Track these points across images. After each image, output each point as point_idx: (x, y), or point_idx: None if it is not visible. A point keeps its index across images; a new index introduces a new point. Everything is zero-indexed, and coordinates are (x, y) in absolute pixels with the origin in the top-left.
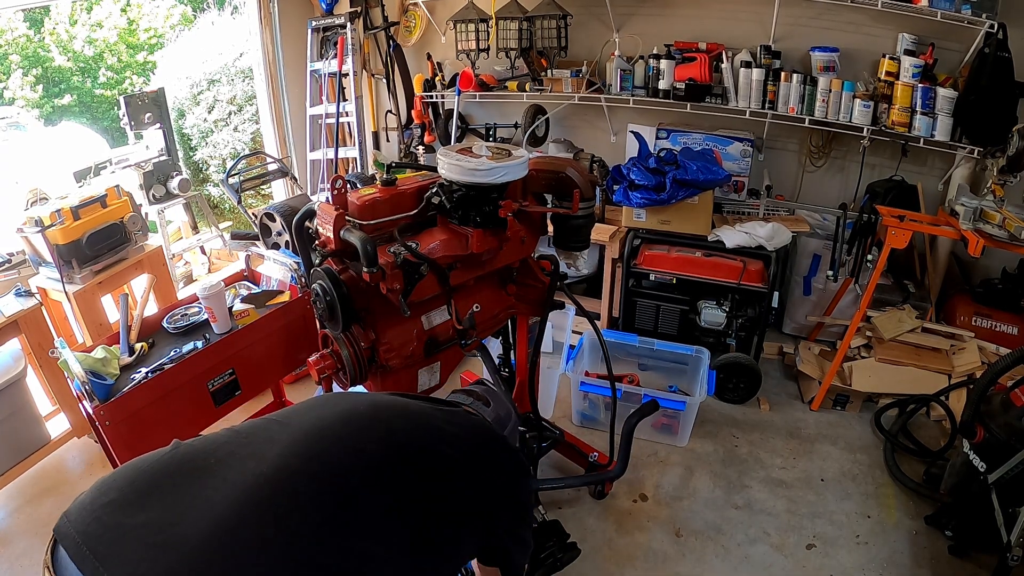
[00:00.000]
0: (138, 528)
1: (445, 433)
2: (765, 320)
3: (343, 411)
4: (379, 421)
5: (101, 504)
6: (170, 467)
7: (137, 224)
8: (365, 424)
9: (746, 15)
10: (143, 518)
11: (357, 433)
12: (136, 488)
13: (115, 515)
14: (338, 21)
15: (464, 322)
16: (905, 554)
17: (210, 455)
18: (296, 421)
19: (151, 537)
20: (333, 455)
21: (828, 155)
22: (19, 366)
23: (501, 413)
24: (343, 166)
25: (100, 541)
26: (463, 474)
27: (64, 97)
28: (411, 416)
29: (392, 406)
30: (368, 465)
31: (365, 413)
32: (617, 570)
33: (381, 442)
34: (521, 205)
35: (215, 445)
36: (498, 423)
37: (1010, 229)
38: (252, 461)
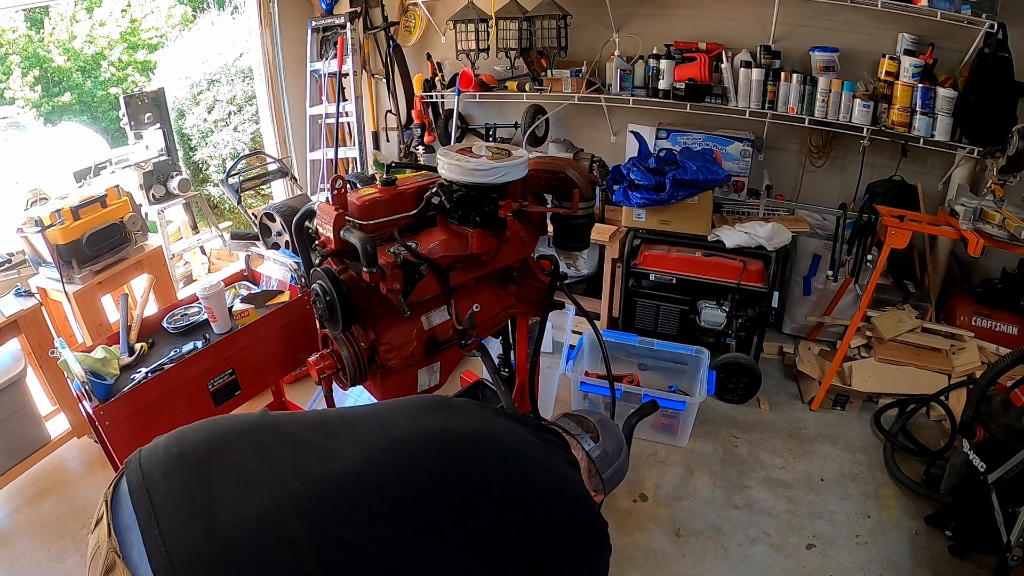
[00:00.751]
0: (192, 490)
1: (533, 483)
2: (765, 320)
3: (434, 432)
4: (469, 455)
5: (172, 455)
6: (247, 440)
7: (137, 224)
8: (454, 453)
9: (746, 15)
10: (198, 483)
11: (445, 462)
12: (208, 447)
13: (180, 471)
14: (338, 21)
15: (464, 322)
16: (905, 554)
17: (288, 438)
18: (386, 426)
19: (201, 501)
20: (411, 475)
21: (828, 155)
22: (19, 366)
23: (609, 449)
24: (343, 166)
25: (159, 490)
26: (526, 529)
27: (64, 97)
28: (505, 457)
29: (487, 441)
30: (440, 497)
31: (457, 439)
32: (617, 570)
33: (461, 475)
34: (521, 205)
35: (298, 427)
36: (603, 460)
37: (1010, 229)
38: (326, 458)
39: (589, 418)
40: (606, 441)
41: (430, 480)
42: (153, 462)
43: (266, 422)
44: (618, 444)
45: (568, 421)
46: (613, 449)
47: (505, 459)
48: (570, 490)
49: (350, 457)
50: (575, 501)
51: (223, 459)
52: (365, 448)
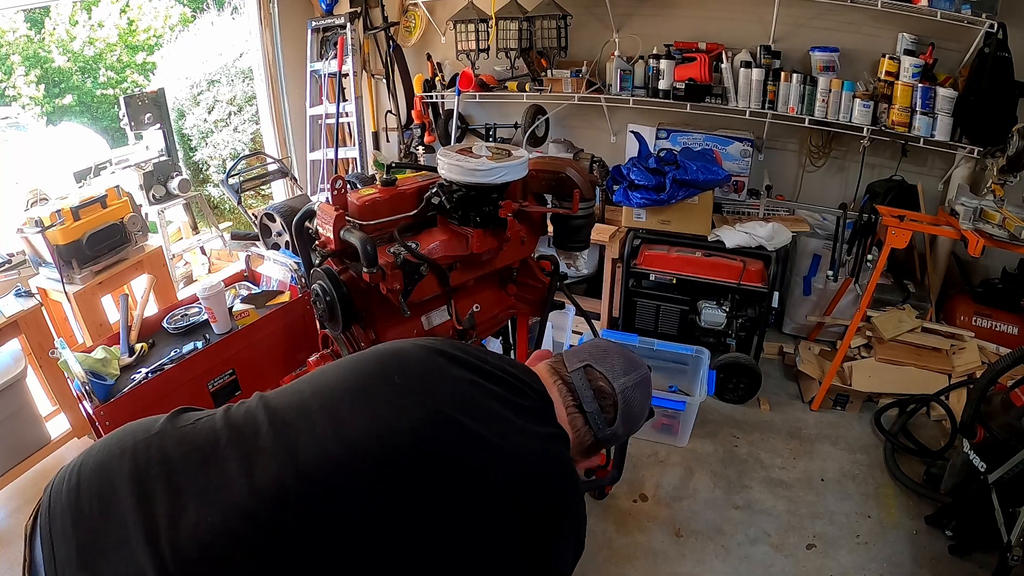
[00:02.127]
0: (80, 535)
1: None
2: (765, 320)
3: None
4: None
5: (71, 487)
6: (132, 482)
7: (137, 224)
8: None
9: (746, 15)
10: (85, 529)
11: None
12: (98, 484)
13: (72, 510)
14: (338, 21)
15: (464, 322)
16: (905, 554)
17: (171, 480)
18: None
19: (87, 550)
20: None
21: (828, 155)
22: (19, 366)
23: (620, 431)
24: (343, 166)
25: (57, 530)
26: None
27: (64, 97)
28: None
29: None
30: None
31: (440, 417)
32: (617, 570)
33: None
34: (521, 205)
35: (186, 460)
36: (608, 439)
37: (1010, 229)
38: (207, 505)
39: (613, 385)
40: (623, 419)
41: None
42: (56, 494)
43: (159, 452)
44: (640, 412)
45: (585, 386)
46: (630, 427)
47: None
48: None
49: (223, 506)
50: (567, 506)
51: (108, 505)
52: (257, 488)
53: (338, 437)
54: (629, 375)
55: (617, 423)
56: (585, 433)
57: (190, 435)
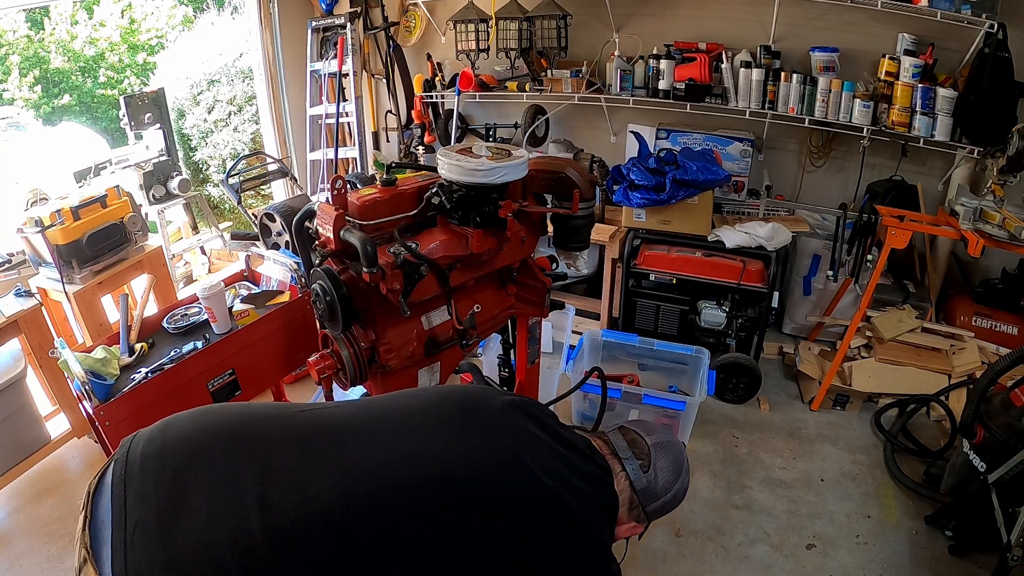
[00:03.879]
0: (162, 495)
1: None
2: (765, 320)
3: (435, 468)
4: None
5: (154, 450)
6: (225, 451)
7: (137, 224)
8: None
9: (746, 15)
10: (169, 489)
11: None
12: (189, 448)
13: (157, 471)
14: (338, 21)
15: (464, 322)
16: (905, 554)
17: (265, 458)
18: (382, 448)
19: (168, 510)
20: (385, 520)
21: (828, 155)
22: (19, 366)
23: (660, 481)
24: (343, 166)
25: (134, 488)
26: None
27: (64, 97)
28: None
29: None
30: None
31: (462, 483)
32: None
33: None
34: (521, 205)
35: (282, 439)
36: (648, 493)
37: (1010, 229)
38: (296, 487)
39: (645, 440)
40: (658, 471)
41: (407, 522)
42: (138, 453)
43: (254, 427)
44: (675, 471)
45: (619, 438)
46: (666, 481)
47: (513, 512)
48: (580, 556)
49: (318, 486)
50: (582, 566)
51: (198, 469)
52: (341, 475)
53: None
54: (659, 433)
55: (652, 471)
56: (624, 483)
57: (290, 421)
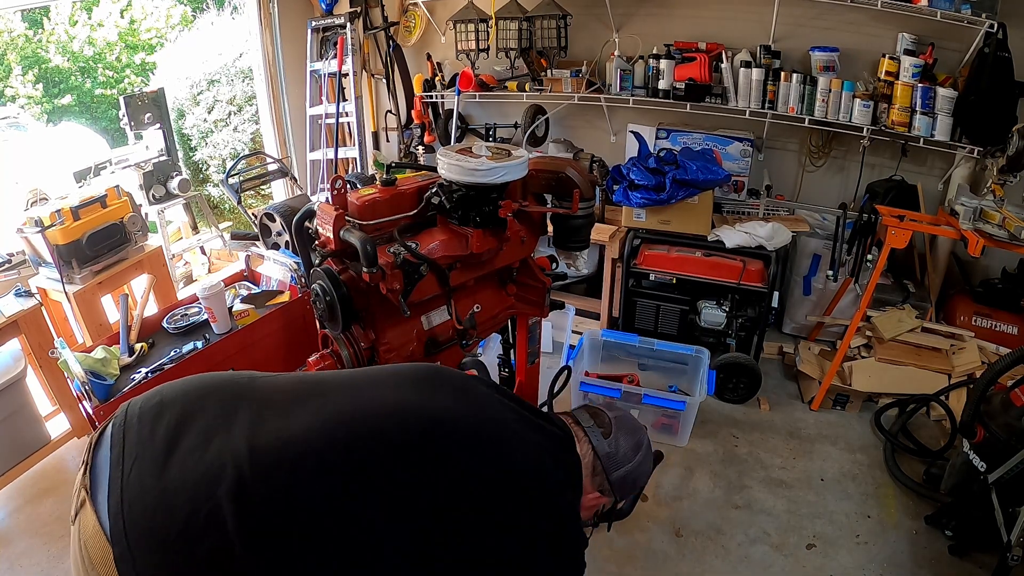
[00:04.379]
0: (158, 438)
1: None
2: (765, 320)
3: (407, 407)
4: (439, 436)
5: (153, 403)
6: (219, 399)
7: (137, 224)
8: (418, 430)
9: (746, 15)
10: (165, 433)
11: (404, 439)
12: (186, 401)
13: (155, 419)
14: (338, 21)
15: (464, 322)
16: (905, 554)
17: (256, 401)
18: (359, 395)
19: (164, 450)
20: (360, 446)
21: (828, 155)
22: (19, 366)
23: (621, 449)
24: (343, 166)
25: (132, 433)
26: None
27: (64, 97)
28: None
29: (464, 425)
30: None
31: (430, 418)
32: (617, 570)
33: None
34: (521, 205)
35: (271, 390)
36: (611, 459)
37: (1010, 229)
38: (279, 425)
39: (607, 413)
40: (619, 439)
41: (384, 453)
42: (136, 408)
43: (245, 383)
44: (635, 445)
45: (582, 412)
46: (627, 450)
47: (480, 445)
48: (545, 497)
49: (301, 425)
50: (546, 509)
51: (195, 416)
52: (323, 417)
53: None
54: (620, 410)
55: (613, 438)
56: (586, 447)
57: (276, 379)
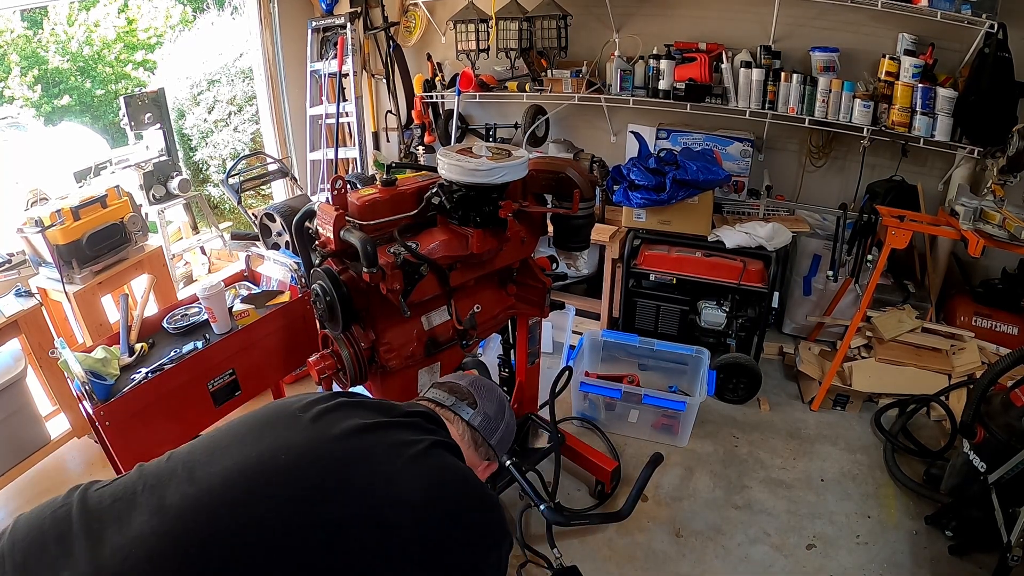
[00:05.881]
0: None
1: (397, 491)
2: (765, 320)
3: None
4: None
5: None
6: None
7: (137, 224)
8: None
9: (746, 15)
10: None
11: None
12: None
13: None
14: (338, 21)
15: (464, 322)
16: (905, 554)
17: (85, 527)
18: (194, 480)
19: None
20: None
21: (828, 155)
22: (19, 366)
23: (490, 412)
24: (343, 166)
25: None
26: (409, 545)
27: (63, 97)
28: (354, 476)
29: (329, 458)
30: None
31: (289, 467)
32: (617, 570)
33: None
34: (521, 205)
35: (103, 505)
36: (487, 425)
37: (1010, 229)
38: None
39: (460, 383)
40: (485, 404)
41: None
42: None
43: (78, 508)
44: (499, 403)
45: (439, 392)
46: (495, 410)
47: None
48: (448, 484)
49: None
50: (460, 496)
51: (36, 560)
52: (154, 525)
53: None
54: (468, 378)
55: (480, 405)
56: (461, 426)
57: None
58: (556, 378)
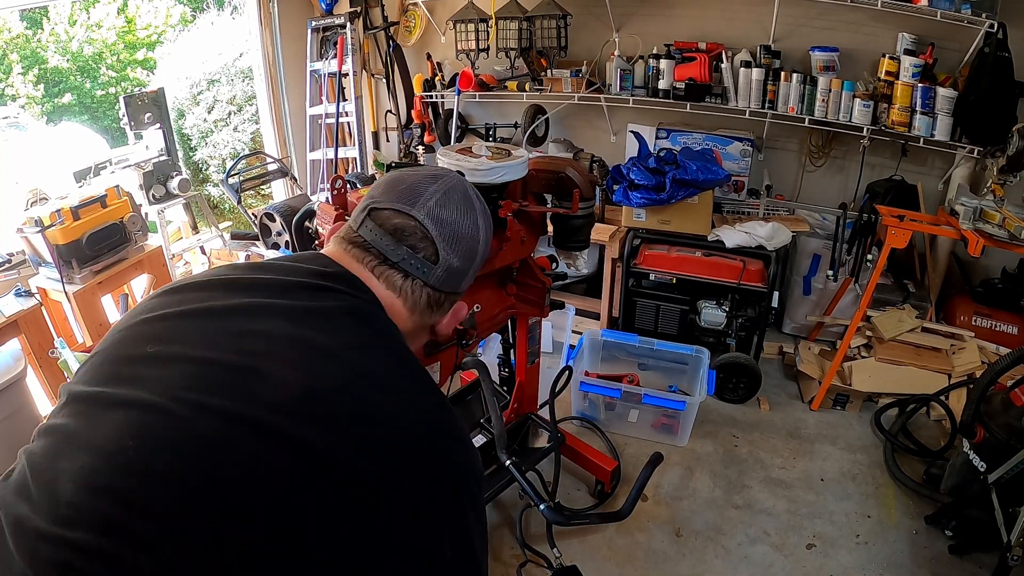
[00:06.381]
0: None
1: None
2: (765, 320)
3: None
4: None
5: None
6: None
7: (137, 224)
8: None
9: (746, 15)
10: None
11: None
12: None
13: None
14: (338, 21)
15: (464, 322)
16: (905, 554)
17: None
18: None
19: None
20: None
21: (828, 155)
22: (19, 366)
23: (457, 262)
24: (343, 166)
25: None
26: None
27: (64, 97)
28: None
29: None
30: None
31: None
32: (617, 570)
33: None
34: (521, 205)
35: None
36: (450, 279)
37: (1010, 229)
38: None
39: (412, 213)
40: (450, 253)
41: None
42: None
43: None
44: (468, 244)
45: (375, 231)
46: (462, 255)
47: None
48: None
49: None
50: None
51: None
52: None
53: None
54: (427, 192)
55: (444, 254)
56: (412, 288)
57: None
58: (556, 378)
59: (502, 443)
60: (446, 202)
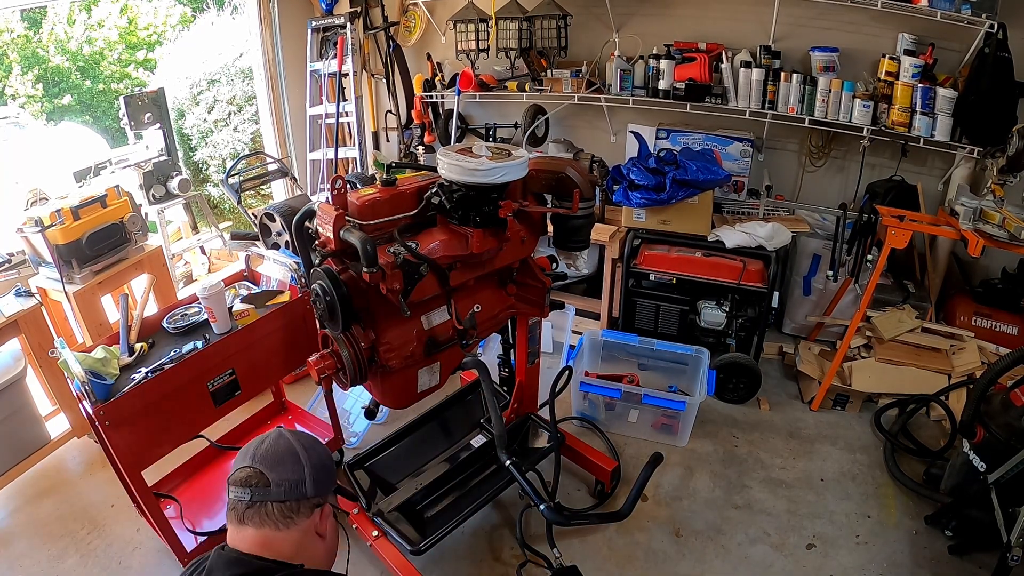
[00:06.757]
0: None
1: None
2: (765, 320)
3: None
4: None
5: None
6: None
7: (137, 224)
8: None
9: (746, 15)
10: None
11: None
12: None
13: None
14: (338, 21)
15: (464, 322)
16: (905, 554)
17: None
18: None
19: None
20: None
21: (828, 155)
22: (19, 366)
23: (286, 473)
24: (343, 166)
25: None
26: None
27: (64, 97)
28: None
29: None
30: None
31: None
32: (617, 570)
33: None
34: (521, 205)
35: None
36: (293, 488)
37: (1010, 229)
38: None
39: (245, 466)
40: (275, 471)
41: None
42: None
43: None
44: (288, 453)
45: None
46: (291, 464)
47: None
48: None
49: None
50: None
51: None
52: None
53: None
54: (249, 449)
55: (272, 475)
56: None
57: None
58: (556, 378)
59: (502, 443)
60: (261, 444)
